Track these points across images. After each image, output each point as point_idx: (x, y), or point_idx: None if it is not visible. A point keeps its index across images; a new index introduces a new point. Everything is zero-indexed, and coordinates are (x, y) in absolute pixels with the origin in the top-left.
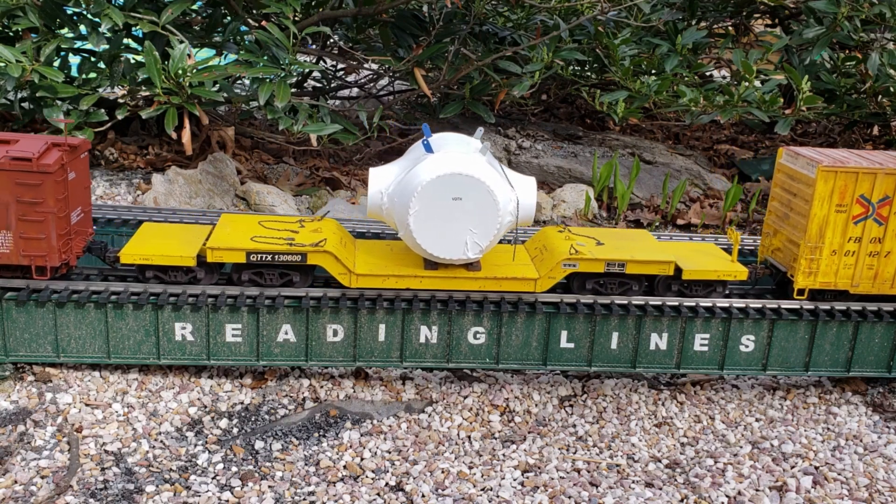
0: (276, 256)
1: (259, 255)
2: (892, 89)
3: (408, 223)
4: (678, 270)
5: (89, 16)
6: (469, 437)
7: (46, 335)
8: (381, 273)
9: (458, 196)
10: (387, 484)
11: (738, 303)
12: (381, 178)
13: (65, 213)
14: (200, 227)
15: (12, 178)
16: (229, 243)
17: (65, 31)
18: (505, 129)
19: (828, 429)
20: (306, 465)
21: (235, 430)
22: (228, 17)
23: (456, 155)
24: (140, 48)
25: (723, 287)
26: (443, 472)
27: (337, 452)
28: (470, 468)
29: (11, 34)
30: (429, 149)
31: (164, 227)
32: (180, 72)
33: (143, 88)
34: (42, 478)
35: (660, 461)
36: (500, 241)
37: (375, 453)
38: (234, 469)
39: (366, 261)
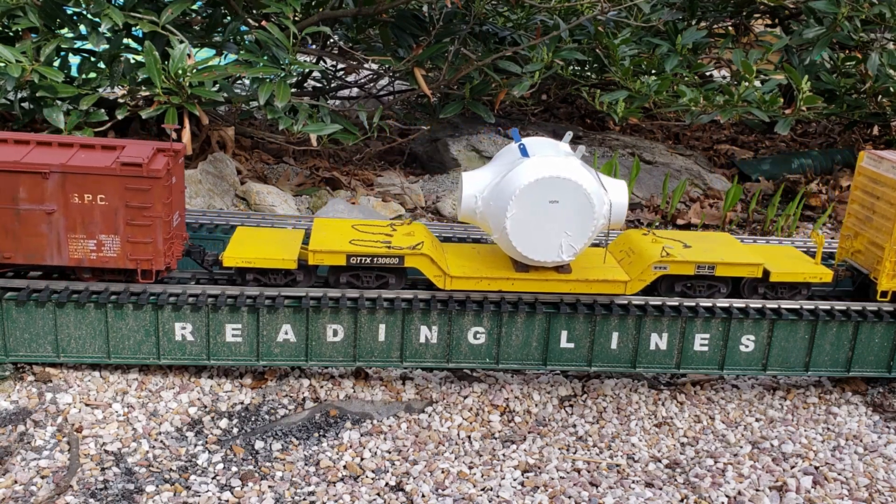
0: (375, 259)
1: (359, 258)
2: (892, 89)
3: (504, 226)
4: (765, 273)
5: (89, 16)
6: (469, 437)
7: (46, 335)
8: (475, 275)
9: (555, 199)
10: (387, 484)
11: (738, 303)
12: (475, 181)
13: (169, 218)
14: (292, 231)
15: (122, 183)
16: (330, 246)
17: (65, 31)
18: (505, 129)
19: (828, 429)
20: (306, 465)
21: (235, 430)
22: (228, 17)
23: (552, 158)
24: (140, 48)
25: (807, 289)
26: (443, 472)
27: (337, 452)
28: (470, 468)
29: (11, 34)
30: (525, 153)
31: (258, 230)
32: (180, 72)
33: (143, 88)
34: (42, 478)
35: (660, 461)
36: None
37: (375, 453)
38: (234, 469)
39: (458, 263)
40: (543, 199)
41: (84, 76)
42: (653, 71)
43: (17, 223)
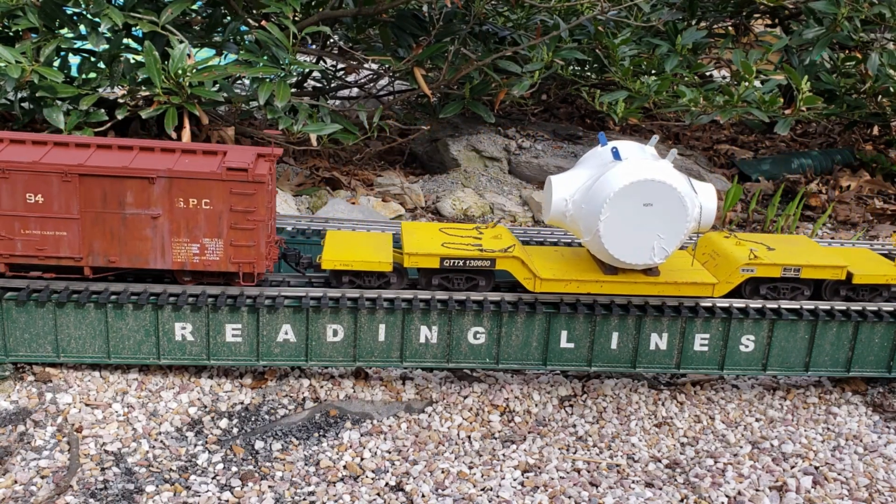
0: (468, 262)
1: (452, 261)
2: (892, 89)
3: (597, 229)
4: (847, 275)
5: (89, 16)
6: (469, 437)
7: (46, 335)
8: (565, 278)
9: (648, 202)
10: (387, 484)
11: (738, 303)
12: (565, 185)
13: (270, 222)
14: (381, 234)
15: (228, 187)
16: (425, 249)
17: (65, 31)
18: (505, 129)
19: (828, 429)
20: (306, 465)
21: (235, 430)
22: (228, 17)
23: (646, 162)
24: (140, 48)
25: (887, 291)
26: (443, 472)
27: (337, 452)
28: (470, 468)
29: (11, 34)
30: (617, 156)
31: (348, 234)
32: (180, 72)
33: (143, 88)
34: (42, 478)
35: (660, 461)
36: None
37: (375, 453)
38: (234, 469)
39: (545, 266)
40: (637, 202)
41: (84, 76)
42: (653, 71)
43: (122, 227)
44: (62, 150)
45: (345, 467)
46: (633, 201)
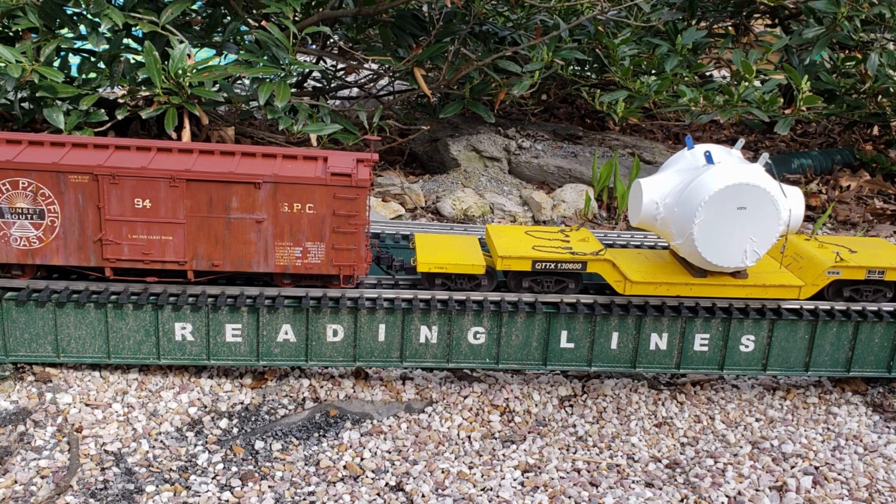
0: (559, 264)
1: (544, 264)
2: (891, 89)
3: (691, 232)
4: None
5: (89, 16)
6: (469, 437)
7: (46, 335)
8: (654, 281)
9: (742, 206)
10: (387, 484)
11: (738, 303)
12: (655, 188)
13: (369, 225)
14: (468, 237)
15: (331, 192)
16: (518, 252)
17: (65, 31)
18: (505, 129)
19: (828, 429)
20: (306, 465)
21: (235, 430)
22: (228, 17)
23: (740, 166)
24: (140, 48)
25: None
26: (443, 472)
27: (337, 452)
28: (470, 468)
29: (11, 34)
30: (710, 160)
31: (436, 237)
32: (180, 72)
33: (143, 88)
34: (42, 478)
35: (660, 461)
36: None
37: (375, 453)
38: (234, 469)
39: (633, 268)
40: (732, 205)
41: (84, 76)
42: (653, 71)
43: (227, 232)
44: (166, 156)
45: (345, 467)
46: (728, 205)
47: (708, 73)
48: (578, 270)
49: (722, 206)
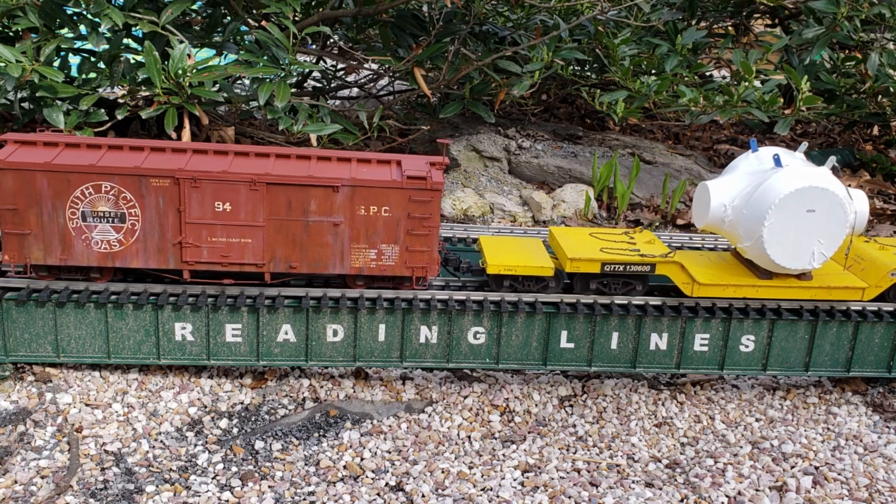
0: (628, 266)
1: (613, 266)
2: (891, 89)
3: (761, 234)
4: None
5: (89, 16)
6: (469, 437)
7: (46, 335)
8: (721, 283)
9: (811, 208)
10: (387, 484)
11: (738, 303)
12: (723, 191)
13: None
14: (531, 239)
15: (407, 195)
16: (587, 254)
17: (65, 31)
18: (505, 129)
19: (828, 429)
20: (306, 465)
21: (235, 430)
22: (228, 17)
23: (808, 169)
24: (140, 48)
25: None
26: (443, 472)
27: (337, 452)
28: (470, 468)
29: (11, 34)
30: (779, 163)
31: (500, 239)
32: (180, 72)
33: (143, 88)
34: (42, 478)
35: (660, 461)
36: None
37: (375, 453)
38: (234, 469)
39: (699, 270)
40: (801, 208)
41: (84, 76)
42: (653, 71)
43: (304, 234)
44: (244, 160)
45: (345, 467)
46: (797, 207)
47: (708, 73)
48: (647, 273)
49: (791, 208)
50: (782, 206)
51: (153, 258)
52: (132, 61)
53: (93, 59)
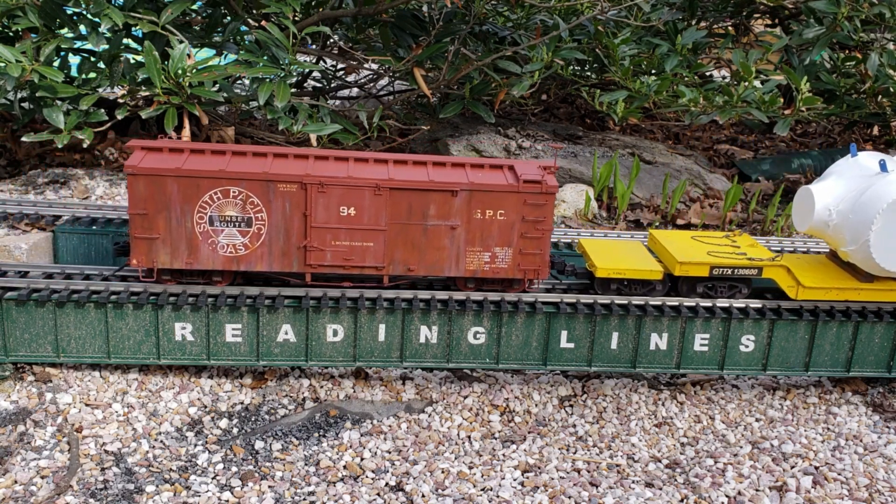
0: (736, 270)
1: (721, 269)
2: (891, 89)
3: (867, 238)
4: None
5: (89, 16)
6: (469, 437)
7: (46, 335)
8: (825, 286)
9: None
10: (387, 484)
11: (738, 303)
12: (827, 195)
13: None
14: (633, 242)
15: (522, 198)
16: (696, 258)
17: (65, 31)
18: (505, 129)
19: (828, 429)
20: (306, 465)
21: (235, 430)
22: (228, 17)
23: None
24: (140, 48)
25: None
26: (443, 472)
27: (337, 452)
28: (470, 468)
29: (11, 34)
30: (884, 168)
31: (601, 242)
32: (180, 72)
33: (143, 88)
34: (42, 478)
35: (660, 461)
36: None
37: (375, 453)
38: (234, 469)
39: (804, 274)
40: None
41: (84, 76)
42: (653, 71)
43: (423, 238)
44: (363, 165)
45: (345, 467)
46: None
47: (708, 73)
48: (753, 276)
49: None
50: (890, 211)
51: (277, 262)
52: (132, 61)
53: (93, 59)
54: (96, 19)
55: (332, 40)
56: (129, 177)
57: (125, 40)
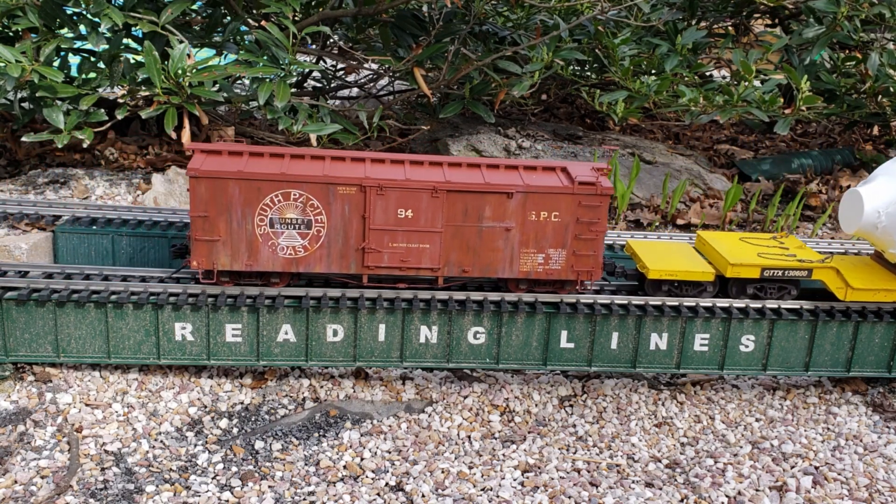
0: (786, 272)
1: (772, 271)
2: (892, 89)
3: None
4: None
5: (89, 16)
6: (469, 437)
7: (46, 335)
8: (874, 287)
9: None
10: (387, 484)
11: (738, 303)
12: (876, 197)
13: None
14: (681, 244)
15: (577, 200)
16: (747, 260)
17: (65, 31)
18: (505, 129)
19: (828, 429)
20: (306, 465)
21: (235, 430)
22: (228, 17)
23: None
24: (140, 48)
25: None
26: (443, 472)
27: (337, 452)
28: (470, 468)
29: (11, 34)
30: None
31: (650, 243)
32: (180, 72)
33: (143, 88)
34: (42, 478)
35: (660, 461)
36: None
37: (375, 453)
38: (234, 469)
39: (852, 275)
40: None
41: (84, 76)
42: (653, 71)
43: (478, 239)
44: (419, 168)
45: (345, 467)
46: None
47: (708, 73)
48: (803, 277)
49: None
50: None
51: (335, 264)
52: (132, 61)
53: (93, 59)
54: (96, 19)
55: (332, 40)
56: (191, 179)
57: (125, 40)
